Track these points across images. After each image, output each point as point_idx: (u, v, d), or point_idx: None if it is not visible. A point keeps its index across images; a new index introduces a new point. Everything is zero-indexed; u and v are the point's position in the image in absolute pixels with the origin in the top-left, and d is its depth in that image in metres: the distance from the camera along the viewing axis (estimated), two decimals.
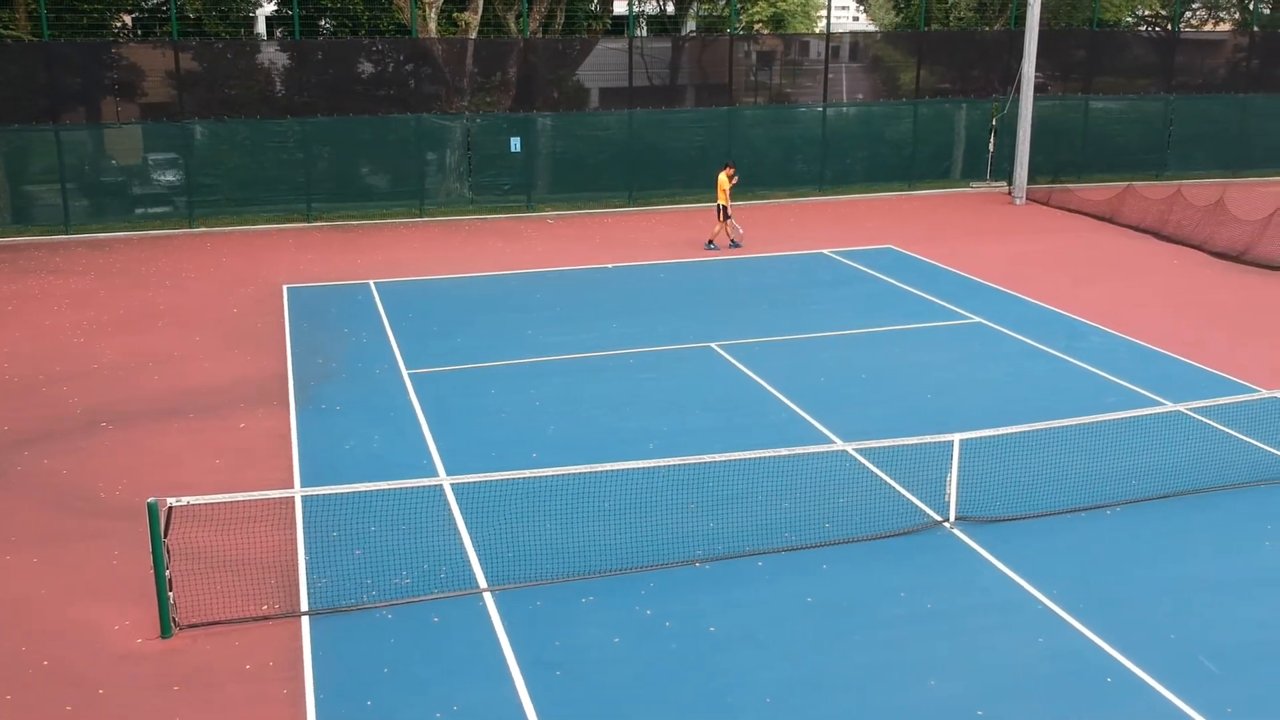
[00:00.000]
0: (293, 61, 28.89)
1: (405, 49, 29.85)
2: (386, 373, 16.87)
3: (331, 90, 28.88)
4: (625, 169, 30.48)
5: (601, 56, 32.38)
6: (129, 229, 27.24)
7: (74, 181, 27.20)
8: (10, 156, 27.13)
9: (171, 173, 27.81)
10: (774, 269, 23.29)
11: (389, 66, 30.42)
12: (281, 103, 28.58)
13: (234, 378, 16.65)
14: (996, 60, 34.07)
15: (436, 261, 24.09)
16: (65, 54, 27.50)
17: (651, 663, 9.40)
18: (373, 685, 9.09)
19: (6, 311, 20.24)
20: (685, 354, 17.64)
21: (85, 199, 27.50)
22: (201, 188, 27.72)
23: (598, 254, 24.74)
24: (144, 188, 27.90)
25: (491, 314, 19.99)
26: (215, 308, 20.43)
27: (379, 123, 28.98)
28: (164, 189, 27.87)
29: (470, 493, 12.15)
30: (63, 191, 27.02)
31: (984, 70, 33.99)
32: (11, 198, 27.03)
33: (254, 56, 29.60)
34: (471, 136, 29.65)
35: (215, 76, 28.58)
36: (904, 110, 32.72)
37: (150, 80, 28.73)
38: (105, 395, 15.93)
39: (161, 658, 9.52)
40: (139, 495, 12.65)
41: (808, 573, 10.85)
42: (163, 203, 27.82)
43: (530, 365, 17.14)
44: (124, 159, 28.15)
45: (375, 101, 29.44)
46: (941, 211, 29.66)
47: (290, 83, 28.86)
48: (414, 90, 29.69)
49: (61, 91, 27.38)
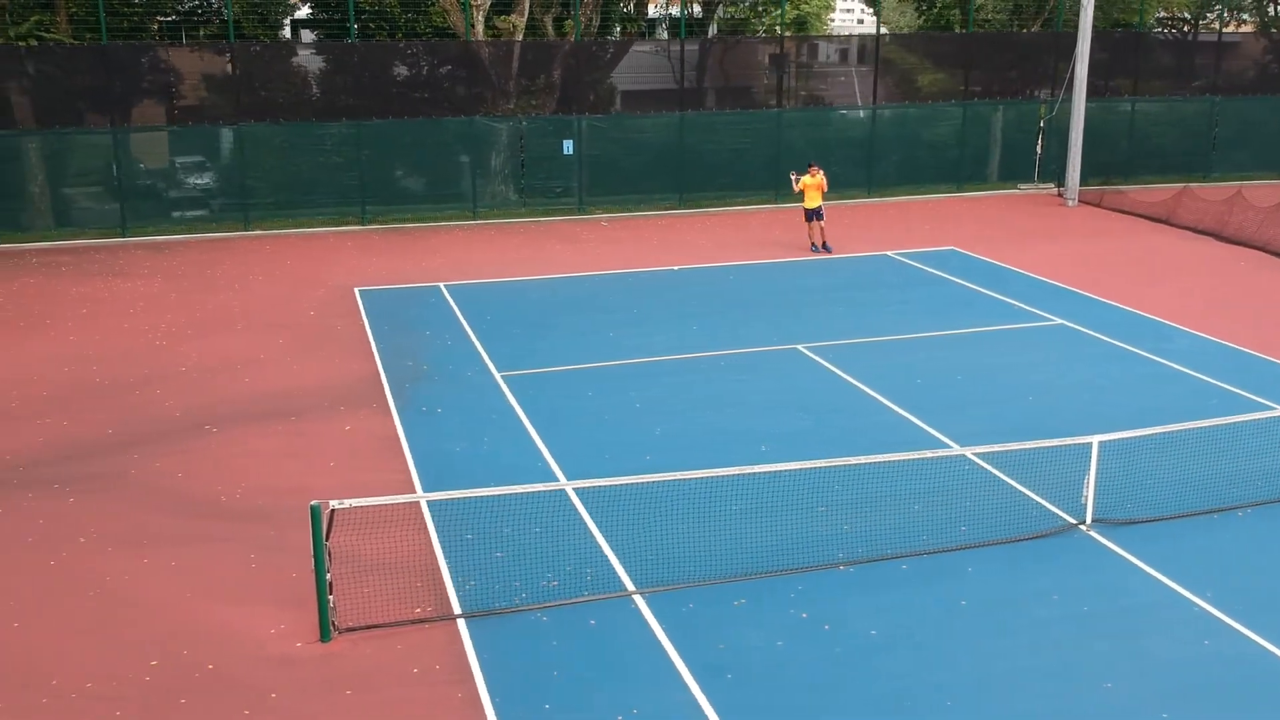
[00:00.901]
0: (341, 65, 28.85)
1: (453, 52, 29.80)
2: (479, 375, 16.82)
3: (378, 93, 28.88)
4: (675, 171, 30.45)
5: (638, 59, 32.39)
6: (185, 232, 27.20)
7: (129, 184, 27.16)
8: (58, 159, 27.10)
9: (225, 176, 27.77)
10: (841, 271, 23.26)
11: (436, 70, 30.38)
12: (334, 106, 28.52)
13: (326, 380, 16.61)
14: (1035, 62, 34.08)
15: (500, 264, 24.05)
16: (116, 57, 27.46)
17: (820, 666, 9.35)
18: (546, 688, 9.05)
19: (81, 315, 20.20)
20: (773, 356, 17.59)
21: (141, 202, 27.45)
22: (256, 190, 27.69)
23: (658, 256, 24.70)
24: (198, 191, 27.87)
25: (569, 316, 19.95)
26: (290, 310, 20.39)
27: (432, 125, 28.96)
28: (218, 192, 27.82)
29: (599, 495, 12.09)
30: (119, 194, 26.98)
31: (1021, 72, 33.97)
32: (56, 201, 26.94)
33: (306, 60, 29.57)
34: (524, 139, 29.60)
35: (265, 79, 28.56)
36: (949, 112, 32.67)
37: (203, 83, 28.72)
38: (200, 398, 15.88)
39: (325, 661, 9.47)
40: (260, 497, 12.66)
41: (954, 576, 10.81)
42: (217, 206, 27.77)
43: (621, 367, 17.10)
44: (178, 162, 28.10)
45: (422, 104, 29.42)
46: (994, 213, 29.64)
47: (341, 86, 28.81)
48: (462, 93, 29.66)
49: (111, 95, 27.32)
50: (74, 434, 14.58)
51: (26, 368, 17.19)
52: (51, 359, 17.59)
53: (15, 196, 26.62)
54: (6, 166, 26.42)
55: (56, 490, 12.88)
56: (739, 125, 31.20)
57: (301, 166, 28.07)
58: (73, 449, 14.09)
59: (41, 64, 27.00)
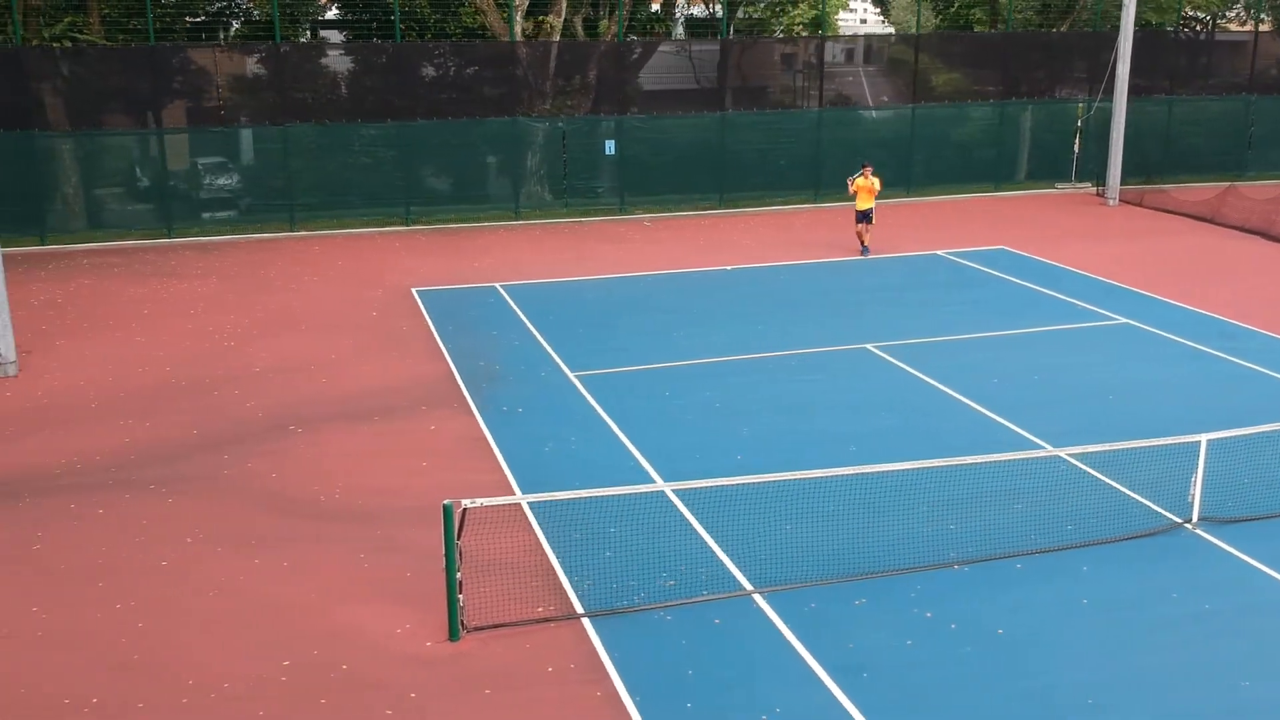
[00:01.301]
0: (382, 65, 28.86)
1: (492, 53, 29.81)
2: (552, 375, 16.84)
3: (419, 94, 28.93)
4: (715, 171, 30.46)
5: (668, 59, 32.39)
6: (229, 232, 27.22)
7: (173, 185, 27.20)
8: (102, 160, 27.18)
9: (269, 177, 27.77)
10: (895, 271, 23.27)
11: (475, 71, 30.37)
12: (376, 107, 28.52)
13: (401, 381, 16.63)
14: (1065, 62, 34.07)
15: (550, 264, 24.07)
16: (156, 57, 27.51)
17: (953, 665, 9.37)
18: (683, 687, 9.06)
19: (144, 315, 20.22)
20: (844, 355, 17.61)
21: (184, 202, 27.50)
22: (300, 191, 27.70)
23: (707, 256, 24.71)
24: (242, 192, 27.88)
25: (630, 316, 19.97)
26: (351, 311, 20.41)
27: (475, 126, 28.98)
28: (262, 193, 27.81)
29: (702, 495, 12.10)
30: (164, 195, 27.01)
31: (1054, 71, 33.95)
32: (100, 202, 27.01)
33: (346, 61, 29.60)
34: (566, 139, 29.63)
35: (305, 80, 28.59)
36: (984, 112, 32.67)
37: (242, 84, 28.74)
38: (279, 398, 15.90)
39: (457, 661, 9.49)
40: (359, 497, 12.69)
41: (1069, 575, 10.83)
42: (261, 206, 27.77)
43: (692, 367, 17.11)
44: (221, 163, 28.14)
45: (461, 105, 29.39)
46: (1035, 213, 29.64)
47: (383, 87, 28.80)
48: (500, 94, 29.66)
49: (149, 96, 27.36)
50: (160, 435, 14.60)
51: (99, 369, 17.21)
52: (123, 360, 17.61)
53: (59, 198, 26.66)
54: (50, 168, 26.44)
55: (154, 491, 12.90)
56: (778, 125, 31.19)
57: (345, 167, 28.09)
58: (161, 450, 14.11)
59: (76, 65, 27.03)
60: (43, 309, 20.56)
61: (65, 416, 15.25)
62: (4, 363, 16.80)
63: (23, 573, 11.03)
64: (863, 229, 24.61)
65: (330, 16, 32.54)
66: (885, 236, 25.83)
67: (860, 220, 24.62)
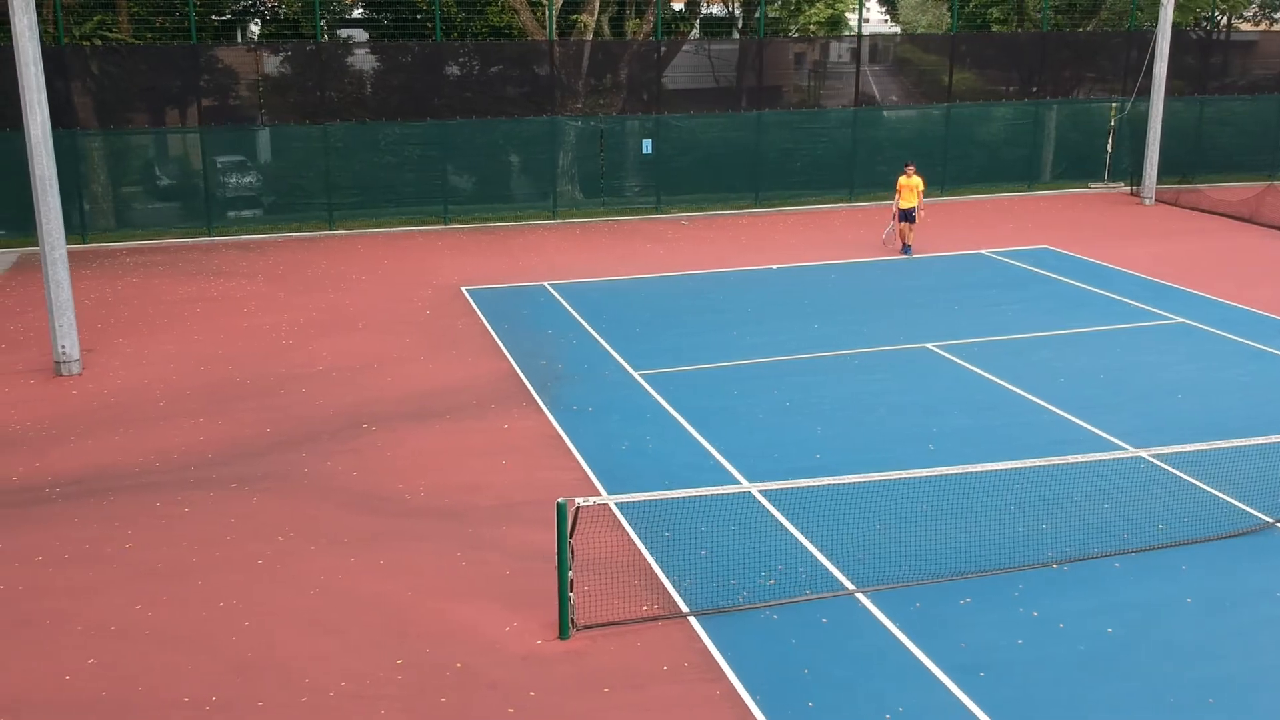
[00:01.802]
0: (418, 64, 28.88)
1: (525, 52, 29.82)
2: (616, 374, 16.85)
3: (453, 93, 28.94)
4: (751, 170, 30.46)
5: (697, 58, 32.40)
6: (269, 231, 27.23)
7: (213, 183, 27.22)
8: (141, 159, 27.23)
9: (308, 175, 27.76)
10: (941, 270, 23.28)
11: (509, 70, 30.37)
12: (412, 106, 28.52)
13: (466, 379, 16.64)
14: (1096, 62, 34.06)
15: (596, 263, 24.07)
16: (192, 56, 27.53)
17: (1068, 665, 9.37)
18: (802, 686, 9.07)
19: (197, 313, 20.22)
20: (905, 355, 17.62)
21: (224, 201, 27.52)
22: (339, 190, 27.71)
23: (750, 255, 24.71)
24: (281, 190, 27.88)
25: (685, 315, 19.97)
26: (404, 310, 20.41)
27: (514, 125, 28.99)
28: (301, 191, 27.81)
29: (791, 493, 12.10)
30: (205, 193, 27.02)
31: (1079, 72, 33.92)
32: (140, 200, 27.04)
33: (382, 59, 29.60)
34: (604, 138, 29.64)
35: (342, 79, 28.60)
36: (1018, 111, 32.67)
37: (281, 82, 28.75)
38: (348, 397, 15.91)
39: (572, 659, 9.50)
40: (445, 495, 12.69)
41: (1169, 574, 10.84)
42: (301, 205, 27.78)
43: (758, 366, 17.12)
44: (259, 161, 28.16)
45: (494, 104, 29.38)
46: (1071, 212, 29.64)
47: (421, 86, 28.81)
48: (534, 93, 29.67)
49: (186, 94, 27.38)
50: (233, 434, 14.61)
51: (161, 366, 17.22)
52: (184, 358, 17.62)
53: (98, 196, 26.66)
54: (88, 167, 26.44)
55: (236, 490, 12.91)
56: (812, 125, 31.19)
57: (382, 166, 28.09)
58: (237, 448, 14.12)
59: (108, 64, 27.02)
60: (95, 308, 20.57)
61: (136, 414, 15.26)
62: (69, 360, 16.81)
63: (121, 571, 11.04)
64: (905, 228, 24.60)
65: (357, 15, 32.61)
66: (925, 236, 25.83)
67: (902, 219, 24.61)
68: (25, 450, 14.05)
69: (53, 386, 16.43)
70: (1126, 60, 32.93)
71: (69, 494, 12.80)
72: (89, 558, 11.32)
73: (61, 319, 16.68)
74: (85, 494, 12.79)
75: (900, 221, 24.70)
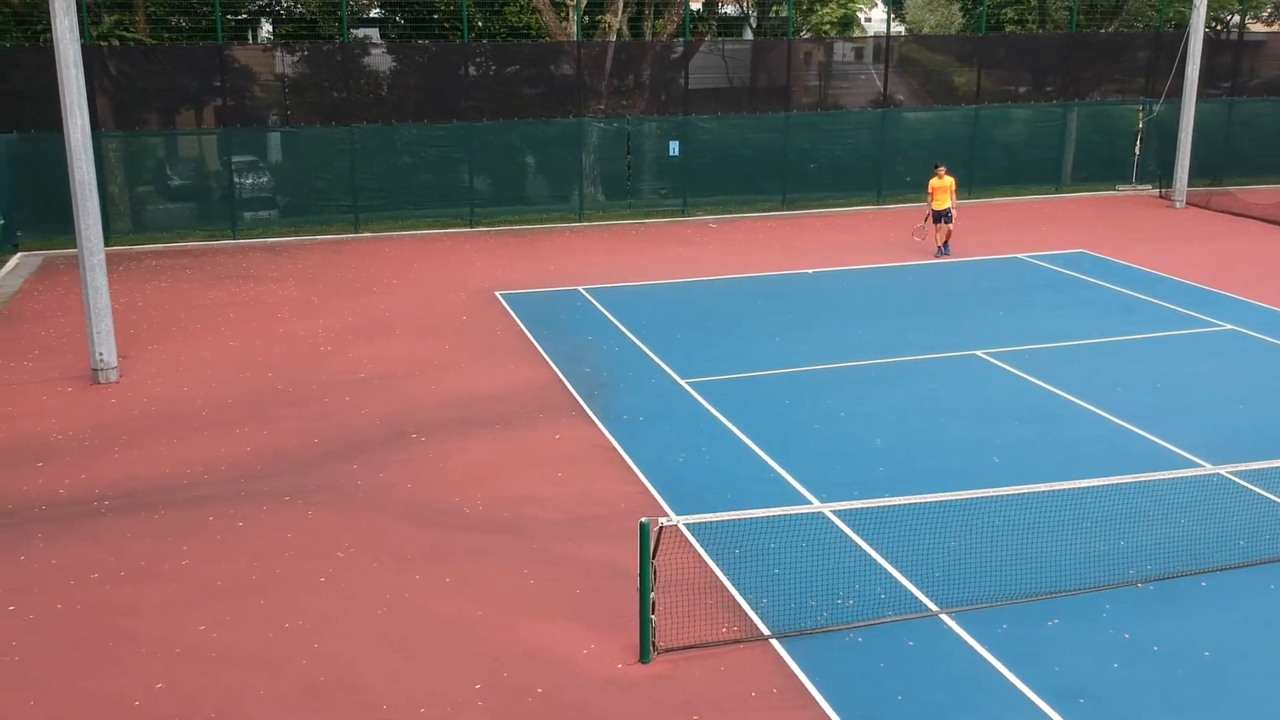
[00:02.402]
0: (441, 65, 28.61)
1: (548, 52, 29.55)
2: (663, 382, 16.57)
3: (478, 94, 28.66)
4: (778, 172, 30.17)
5: (710, 58, 32.12)
6: (293, 233, 26.94)
7: (239, 185, 26.93)
8: (165, 160, 26.97)
9: (334, 177, 27.48)
10: (980, 274, 23.00)
11: (530, 71, 30.09)
12: (432, 107, 28.23)
13: (511, 387, 16.36)
14: (1114, 63, 33.75)
15: (628, 266, 23.80)
16: (213, 56, 27.26)
17: (1169, 689, 9.10)
18: (897, 712, 8.80)
19: (230, 318, 19.94)
20: (955, 362, 17.34)
21: (249, 203, 27.25)
22: (365, 192, 27.42)
23: (785, 259, 24.43)
24: (308, 191, 27.59)
25: (726, 320, 19.70)
26: (439, 315, 20.13)
27: (540, 126, 28.69)
28: (326, 193, 27.52)
29: (863, 510, 11.82)
30: (230, 196, 26.74)
31: (1096, 73, 33.60)
32: (163, 203, 26.78)
33: (407, 60, 29.32)
34: (630, 140, 29.36)
35: (367, 79, 28.32)
36: (1044, 113, 32.37)
37: (304, 83, 28.46)
38: (393, 405, 15.63)
39: (657, 684, 9.22)
40: (504, 508, 12.43)
41: (1258, 593, 10.57)
42: (326, 207, 27.48)
43: (806, 374, 16.84)
44: (283, 163, 27.89)
45: (518, 104, 29.07)
46: (1102, 215, 29.36)
47: (445, 86, 28.54)
48: (557, 94, 29.39)
49: (209, 95, 27.10)
50: (280, 444, 14.33)
51: (200, 373, 16.94)
52: (222, 365, 17.34)
53: (120, 198, 26.38)
54: (110, 168, 26.14)
55: (289, 503, 12.63)
56: (840, 126, 30.93)
57: (408, 168, 27.82)
58: (286, 459, 13.84)
59: (127, 64, 26.73)
60: (126, 312, 20.27)
61: (179, 424, 14.98)
62: (106, 368, 16.53)
63: (180, 589, 10.76)
64: (942, 229, 24.41)
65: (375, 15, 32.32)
66: (959, 239, 25.55)
67: (937, 220, 24.41)
68: (70, 461, 13.78)
69: (91, 395, 16.15)
70: (1157, 61, 32.60)
71: (119, 507, 12.53)
72: (146, 574, 11.04)
73: (100, 325, 16.40)
74: (136, 507, 12.52)
75: (935, 222, 24.49)
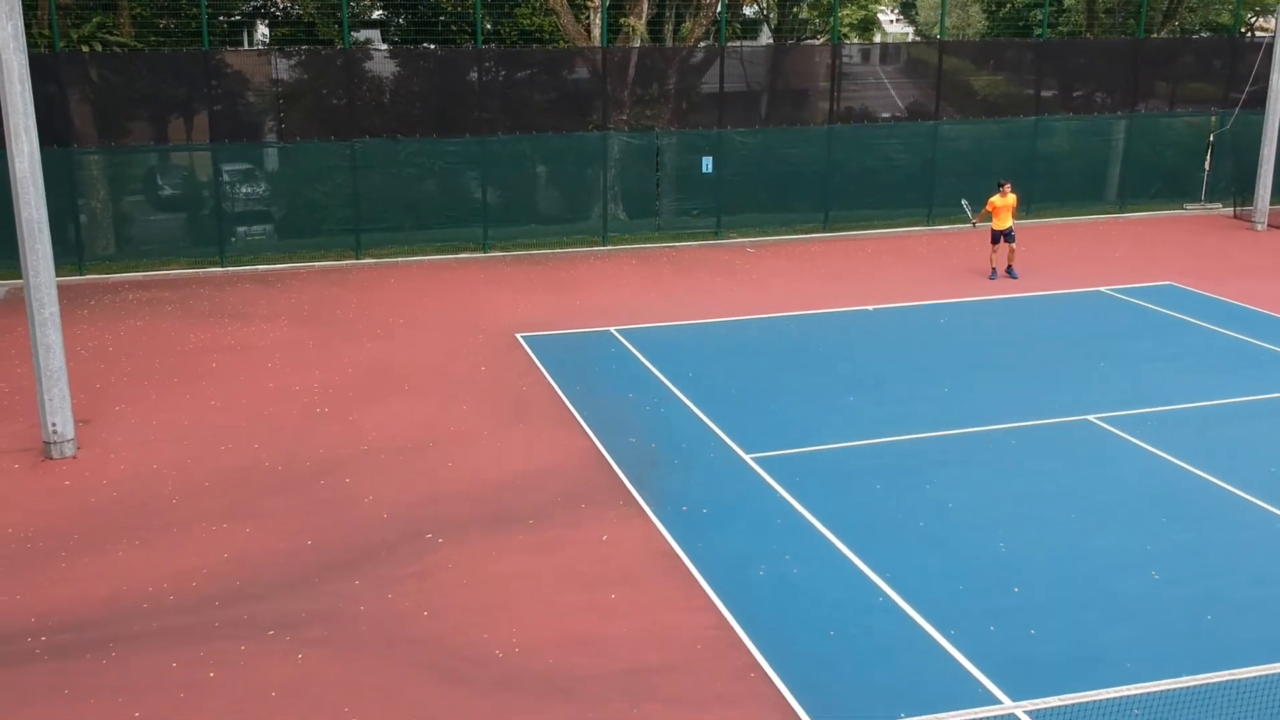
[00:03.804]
0: (451, 73, 25.99)
1: (569, 59, 26.93)
2: (723, 457, 13.91)
3: (490, 105, 26.01)
4: (819, 190, 27.50)
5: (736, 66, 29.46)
6: (288, 260, 24.28)
7: (226, 207, 24.27)
8: (145, 178, 24.35)
9: (332, 197, 24.81)
10: (1064, 313, 20.32)
11: (547, 78, 27.44)
12: (441, 119, 25.56)
13: (543, 464, 13.71)
14: (1180, 70, 31.16)
15: (664, 301, 21.14)
16: (208, 63, 24.63)
17: None
18: None
19: (212, 369, 17.27)
20: (1067, 431, 14.68)
21: (238, 226, 24.60)
22: (368, 214, 24.74)
23: (837, 291, 21.77)
24: (304, 213, 24.97)
25: (786, 373, 17.04)
26: (455, 365, 17.47)
27: (560, 141, 26.05)
28: (325, 216, 24.86)
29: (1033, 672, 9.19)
30: (217, 218, 24.05)
31: (1161, 81, 30.97)
32: (143, 226, 24.17)
33: (413, 68, 26.66)
34: (660, 155, 26.70)
35: (366, 89, 25.64)
36: (1107, 125, 29.70)
37: (299, 93, 25.78)
38: (404, 492, 12.97)
39: None
40: (546, 654, 9.78)
41: None
42: (324, 230, 24.83)
43: (893, 447, 14.19)
44: (277, 182, 25.25)
45: (534, 117, 26.36)
46: (1178, 239, 26.70)
47: (451, 97, 25.88)
48: (577, 104, 26.74)
49: (196, 106, 24.41)
50: (266, 546, 11.68)
51: (172, 446, 14.29)
52: (199, 433, 14.69)
53: (97, 222, 23.77)
54: (87, 188, 23.53)
55: (275, 639, 9.98)
56: (888, 138, 28.25)
57: (416, 187, 25.15)
58: (273, 571, 11.19)
59: (107, 71, 24.08)
60: (92, 360, 17.63)
61: (143, 518, 12.32)
62: (61, 440, 13.87)
63: None
64: (1000, 250, 22.14)
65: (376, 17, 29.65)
66: (1029, 267, 22.91)
67: (998, 239, 22.08)
68: (5, 573, 11.12)
69: (41, 474, 13.50)
70: (1233, 69, 29.91)
71: (59, 647, 9.87)
72: None
73: (53, 391, 13.74)
74: (80, 647, 9.86)
75: (994, 243, 22.20)
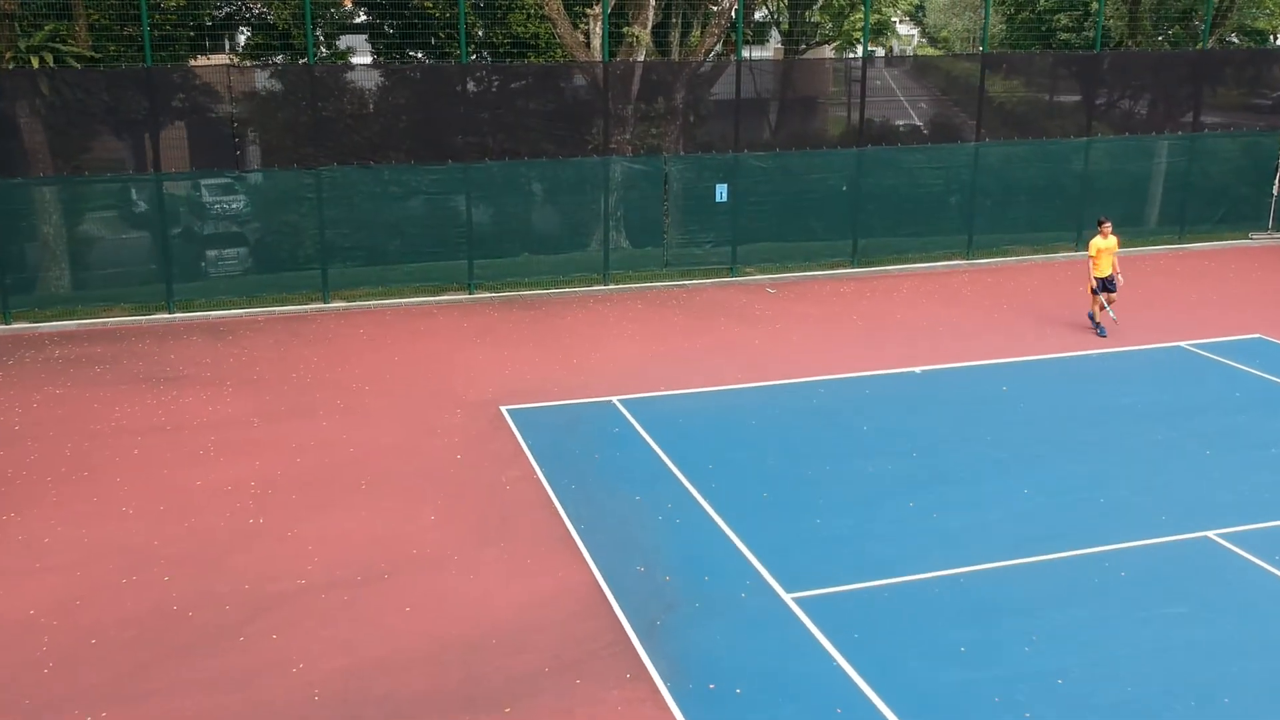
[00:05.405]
0: (435, 92, 23.04)
1: (562, 73, 24.01)
2: (756, 597, 10.90)
3: (466, 127, 23.04)
4: (847, 219, 24.51)
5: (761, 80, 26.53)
6: (245, 305, 21.29)
7: (175, 245, 21.27)
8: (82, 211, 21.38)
9: (295, 234, 21.89)
10: (1142, 377, 17.33)
11: (543, 95, 24.48)
12: (422, 143, 22.55)
13: (529, 609, 10.71)
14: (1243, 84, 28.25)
15: (674, 360, 18.15)
16: (162, 79, 21.68)
17: None
18: None
19: (133, 458, 14.28)
20: (1184, 554, 11.69)
21: (188, 268, 21.63)
22: (336, 252, 21.75)
23: (875, 344, 18.81)
24: (262, 250, 22.03)
25: (828, 465, 14.03)
26: (426, 451, 14.48)
27: (557, 167, 23.04)
28: (287, 255, 21.95)
29: None
30: (164, 258, 21.05)
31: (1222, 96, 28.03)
32: (82, 267, 21.23)
33: (390, 86, 23.69)
34: (669, 183, 23.70)
35: (341, 110, 22.70)
36: (1167, 146, 26.68)
37: (264, 114, 22.84)
38: (343, 656, 9.97)
39: None
40: None
41: None
42: (287, 271, 21.84)
43: (974, 580, 11.18)
44: (234, 216, 22.28)
45: (529, 139, 23.37)
46: (1250, 276, 23.72)
47: (438, 119, 22.89)
48: (575, 125, 23.78)
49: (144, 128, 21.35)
50: None
51: (60, 576, 11.30)
52: (99, 558, 11.69)
53: (27, 262, 20.82)
54: (15, 222, 20.54)
55: None
56: (923, 162, 25.21)
57: (391, 220, 22.14)
58: None
59: (56, 88, 21.07)
60: None
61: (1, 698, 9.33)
62: None
63: None
64: (1108, 301, 19.20)
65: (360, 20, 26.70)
66: (1079, 311, 19.91)
67: (1101, 290, 19.22)
68: None
69: None
70: None
71: None
72: None
73: None
74: None
75: (1096, 293, 19.44)
